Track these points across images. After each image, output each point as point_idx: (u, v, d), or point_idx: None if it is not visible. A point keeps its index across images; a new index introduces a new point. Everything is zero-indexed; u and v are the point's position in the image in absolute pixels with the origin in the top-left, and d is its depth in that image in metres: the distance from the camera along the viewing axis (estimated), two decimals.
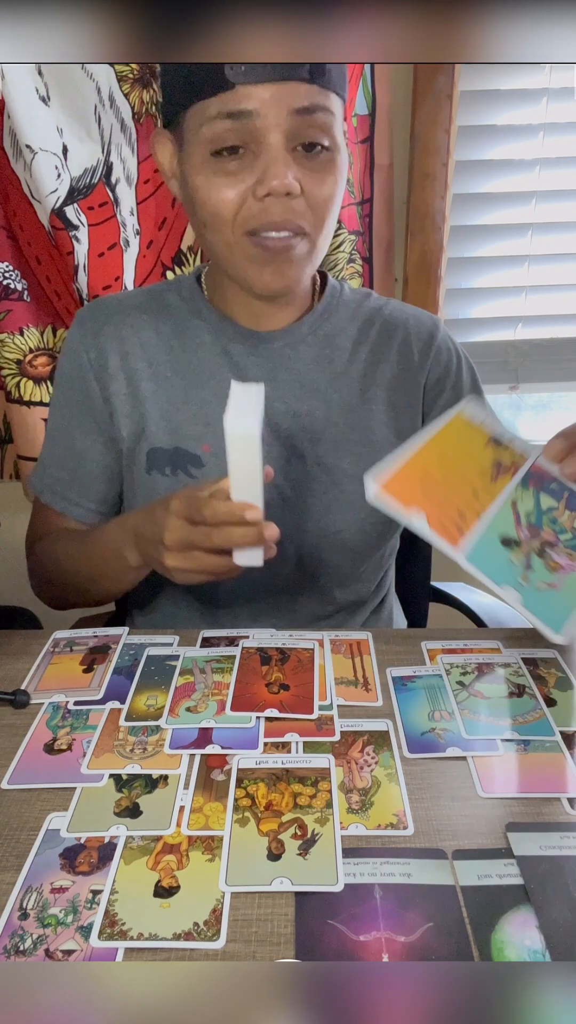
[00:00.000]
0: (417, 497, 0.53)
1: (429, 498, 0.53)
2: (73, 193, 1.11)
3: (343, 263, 1.19)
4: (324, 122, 0.63)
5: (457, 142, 1.18)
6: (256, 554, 0.59)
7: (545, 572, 0.51)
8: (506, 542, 0.52)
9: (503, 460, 0.58)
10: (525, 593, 0.50)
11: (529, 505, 0.55)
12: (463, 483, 0.55)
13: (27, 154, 1.06)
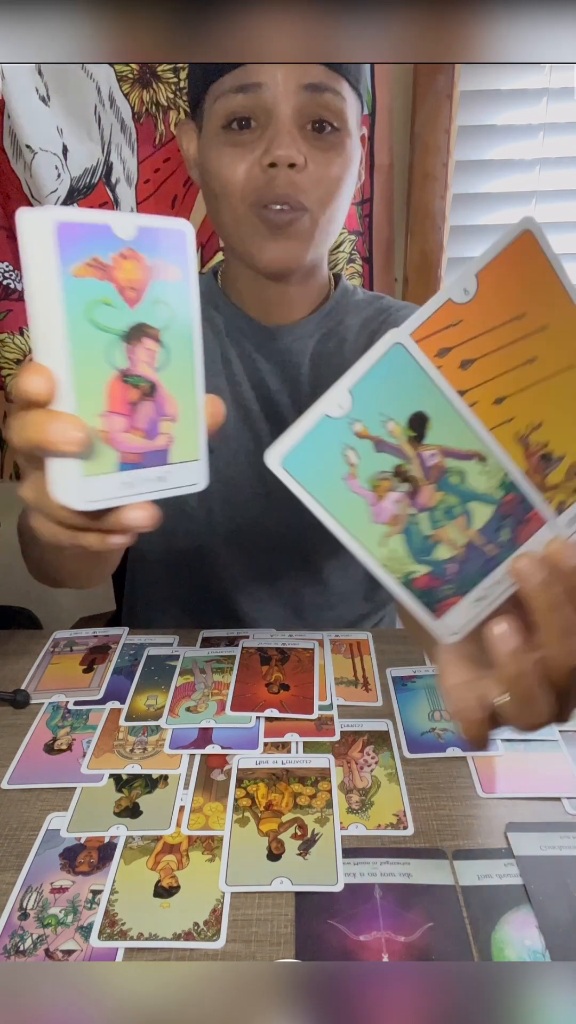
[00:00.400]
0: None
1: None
2: (73, 193, 1.11)
3: (343, 263, 1.19)
4: (333, 103, 0.64)
5: (457, 142, 1.18)
6: (65, 479, 0.35)
7: (367, 479, 0.35)
8: (415, 419, 0.35)
9: (554, 473, 0.38)
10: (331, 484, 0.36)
11: (473, 481, 0.37)
12: (508, 388, 0.37)
13: (27, 154, 1.06)
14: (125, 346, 0.35)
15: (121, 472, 0.35)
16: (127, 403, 0.35)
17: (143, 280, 0.35)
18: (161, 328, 0.36)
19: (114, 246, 0.34)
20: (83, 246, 0.33)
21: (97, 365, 0.34)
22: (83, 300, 0.33)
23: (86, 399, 0.34)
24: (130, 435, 0.36)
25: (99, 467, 0.35)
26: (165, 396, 0.37)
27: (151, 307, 0.35)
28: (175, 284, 0.36)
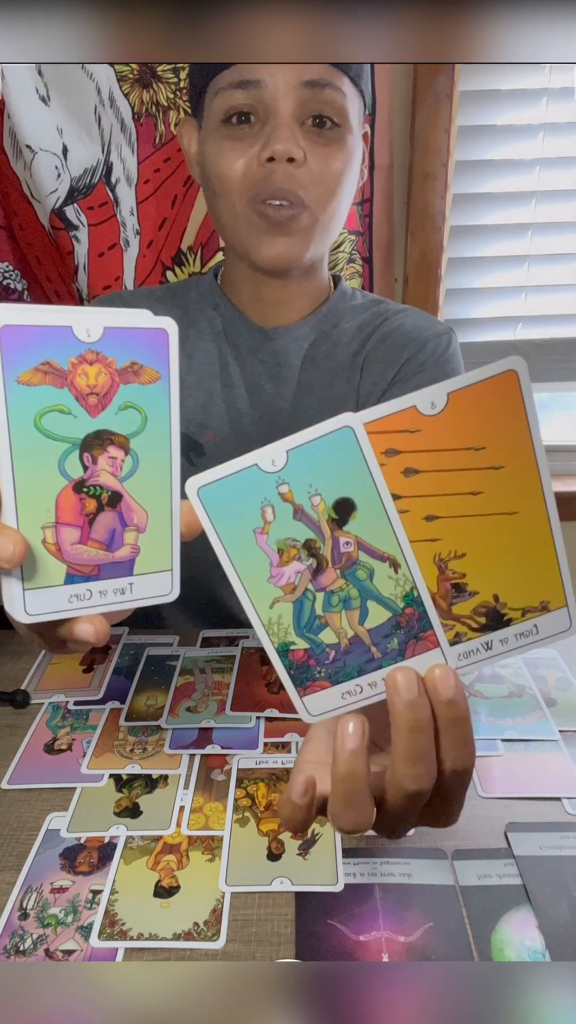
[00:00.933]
0: None
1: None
2: (73, 193, 1.11)
3: (343, 263, 1.19)
4: (333, 99, 0.63)
5: (457, 142, 1.18)
6: (9, 591, 0.34)
7: (274, 542, 0.36)
8: (340, 504, 0.35)
9: (467, 604, 0.37)
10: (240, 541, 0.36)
11: (379, 583, 0.35)
12: (430, 508, 0.36)
13: (27, 154, 1.06)
14: (82, 455, 0.33)
15: (69, 585, 0.34)
16: (80, 514, 0.34)
17: (108, 385, 0.33)
18: (130, 435, 0.34)
19: (74, 349, 0.32)
20: (32, 350, 0.31)
21: (45, 475, 0.33)
22: (30, 408, 0.31)
23: (30, 511, 0.33)
24: (84, 547, 0.34)
25: (42, 580, 0.34)
26: (131, 506, 0.35)
27: (118, 413, 0.34)
28: (151, 387, 0.34)
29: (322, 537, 0.34)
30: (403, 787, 0.33)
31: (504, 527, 0.35)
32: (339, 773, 0.33)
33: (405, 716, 0.33)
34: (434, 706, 0.33)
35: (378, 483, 0.34)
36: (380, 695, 0.36)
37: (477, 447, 0.34)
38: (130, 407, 0.34)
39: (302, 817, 0.36)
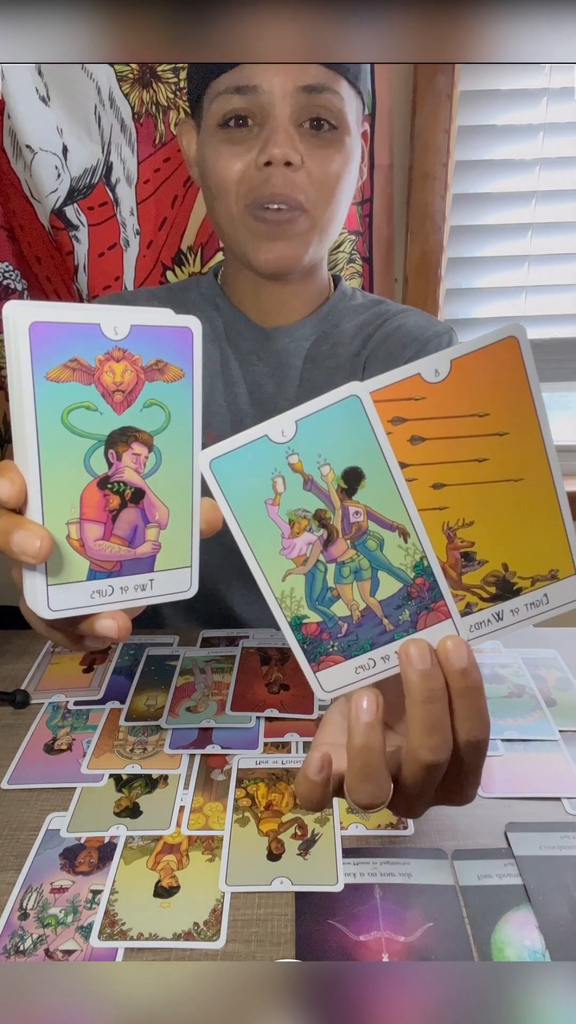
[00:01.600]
0: None
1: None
2: (73, 193, 1.11)
3: (343, 263, 1.19)
4: (331, 103, 0.63)
5: (457, 142, 1.18)
6: (32, 587, 0.33)
7: (285, 513, 0.35)
8: (349, 473, 0.34)
9: (474, 574, 0.36)
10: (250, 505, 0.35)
11: (389, 552, 0.35)
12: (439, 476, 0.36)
13: (27, 154, 1.06)
14: (107, 451, 0.34)
15: (92, 581, 0.35)
16: (104, 510, 0.34)
17: (134, 382, 0.34)
18: (154, 432, 0.35)
19: (102, 347, 0.32)
20: (61, 347, 0.31)
21: (71, 471, 0.33)
22: (58, 404, 0.32)
23: (55, 506, 0.33)
24: (107, 543, 0.35)
25: (66, 576, 0.34)
26: (153, 503, 0.36)
27: (143, 410, 0.34)
28: (175, 385, 0.35)
29: (332, 507, 0.34)
30: (420, 759, 0.33)
31: (511, 494, 0.35)
32: (355, 746, 0.33)
33: (419, 687, 0.33)
34: (447, 677, 0.33)
35: (385, 451, 0.34)
36: (393, 669, 0.35)
37: (481, 413, 0.34)
38: (154, 404, 0.34)
39: (319, 795, 0.36)
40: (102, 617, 0.35)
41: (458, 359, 0.33)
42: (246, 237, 0.69)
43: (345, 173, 0.67)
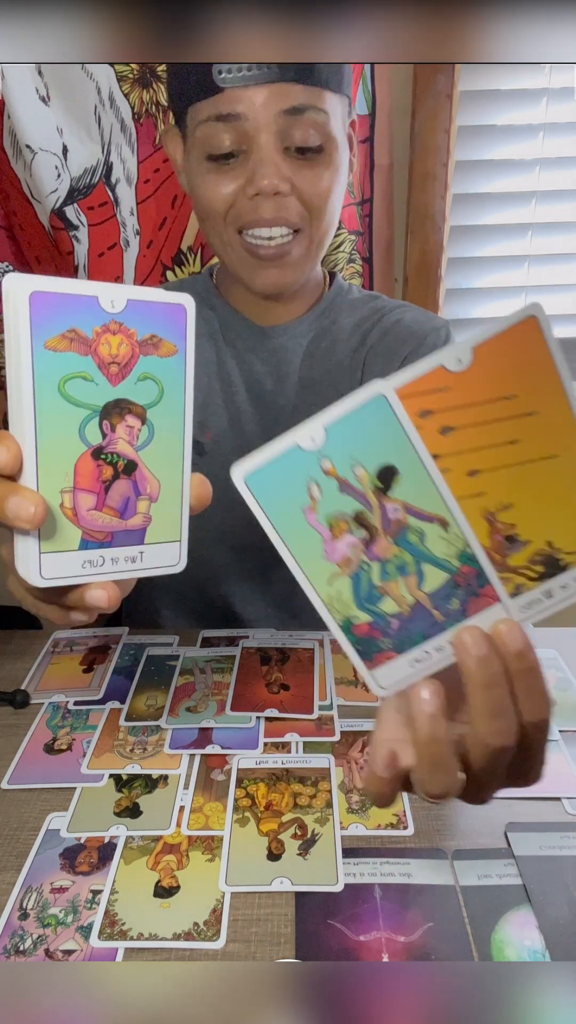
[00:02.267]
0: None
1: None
2: (73, 193, 1.11)
3: (343, 263, 1.19)
4: (316, 121, 0.63)
5: (457, 142, 1.18)
6: (25, 553, 0.34)
7: (324, 517, 0.35)
8: (384, 472, 0.34)
9: (515, 555, 0.37)
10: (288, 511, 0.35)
11: (431, 544, 0.36)
12: (483, 463, 0.36)
13: (27, 154, 1.06)
14: (102, 422, 0.34)
15: (84, 551, 0.35)
16: (97, 481, 0.34)
17: (129, 355, 0.34)
18: (147, 405, 0.35)
19: (99, 319, 0.32)
20: (60, 317, 0.31)
21: (66, 440, 0.33)
22: (55, 373, 0.32)
23: (50, 474, 0.33)
24: (99, 513, 0.35)
25: (58, 545, 0.34)
26: (145, 475, 0.36)
27: (137, 384, 0.35)
28: (168, 360, 0.35)
29: (369, 507, 0.34)
30: (487, 745, 0.34)
31: (547, 473, 0.35)
32: (422, 738, 0.33)
33: (478, 674, 0.33)
34: (505, 661, 0.34)
35: (417, 446, 0.34)
36: (448, 659, 0.36)
37: (509, 396, 0.34)
38: (148, 378, 0.35)
39: (389, 791, 0.36)
40: (92, 587, 0.35)
41: (479, 345, 0.33)
42: (240, 261, 0.69)
43: (335, 186, 0.67)
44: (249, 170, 0.63)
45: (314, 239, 0.68)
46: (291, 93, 0.61)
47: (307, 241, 0.68)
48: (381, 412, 0.33)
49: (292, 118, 0.62)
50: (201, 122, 0.63)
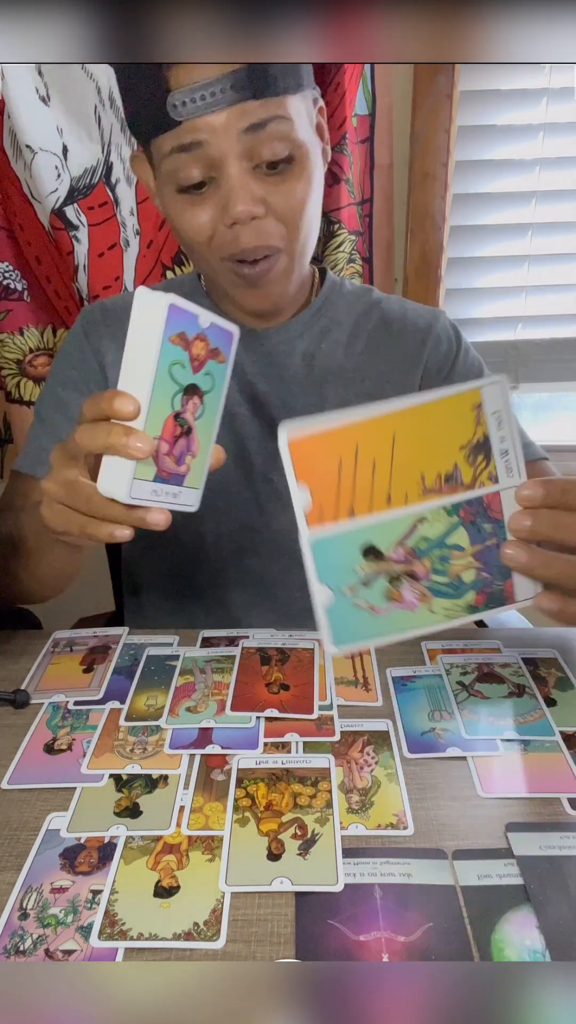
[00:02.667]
0: (321, 472, 0.43)
1: (337, 479, 0.43)
2: (73, 193, 1.11)
3: (343, 263, 1.19)
4: (280, 131, 0.61)
5: (457, 142, 1.18)
6: (119, 476, 0.46)
7: (380, 596, 0.44)
8: (367, 551, 0.44)
9: (463, 475, 0.44)
10: (338, 601, 0.44)
11: (433, 532, 0.44)
12: (399, 478, 0.44)
13: (27, 154, 1.06)
14: (183, 397, 0.48)
15: (155, 483, 0.48)
16: (173, 436, 0.48)
17: (205, 357, 0.49)
18: (205, 391, 0.50)
19: (196, 330, 0.47)
20: (179, 324, 0.46)
21: (164, 404, 0.47)
22: (169, 359, 0.46)
23: (151, 425, 0.46)
24: (167, 458, 0.49)
25: (144, 474, 0.47)
26: (195, 438, 0.50)
27: (204, 376, 0.49)
28: (221, 366, 0.51)
29: (388, 570, 0.45)
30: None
31: (402, 448, 0.44)
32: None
33: (550, 500, 0.45)
34: (545, 504, 0.45)
35: (364, 525, 0.45)
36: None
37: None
38: (209, 374, 0.50)
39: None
40: (155, 512, 0.49)
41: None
42: (229, 284, 0.69)
43: (310, 194, 0.66)
44: (222, 197, 0.62)
45: (295, 251, 0.68)
46: (249, 111, 0.60)
47: (288, 256, 0.68)
48: (328, 542, 0.45)
49: (255, 135, 0.60)
50: (166, 155, 0.62)
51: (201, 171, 0.62)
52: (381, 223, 1.21)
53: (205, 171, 0.62)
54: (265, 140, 0.61)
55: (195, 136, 0.60)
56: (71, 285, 1.17)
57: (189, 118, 0.59)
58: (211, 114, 0.59)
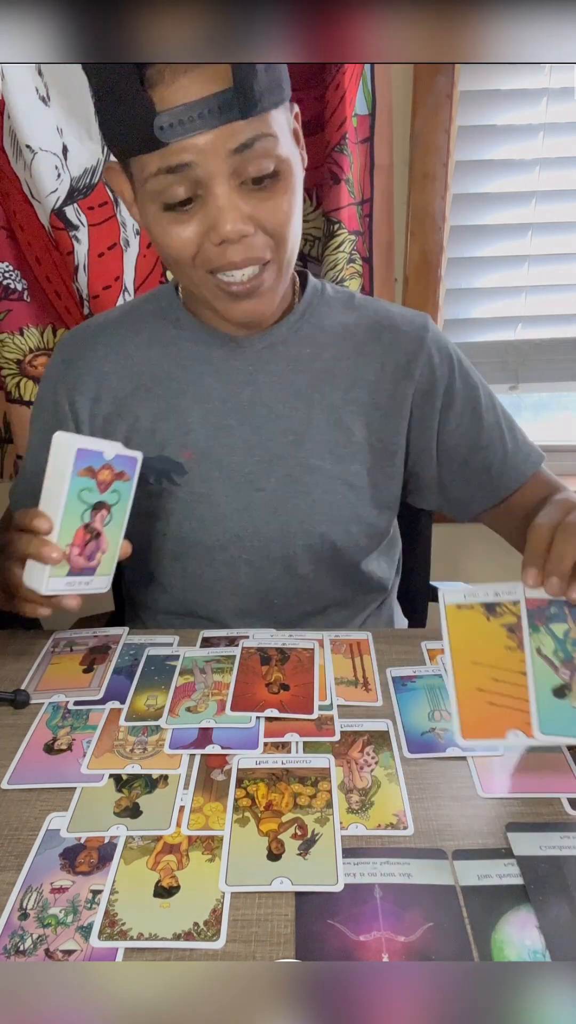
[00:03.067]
0: (495, 720, 0.51)
1: (502, 710, 0.52)
2: (73, 193, 1.11)
3: (343, 263, 1.19)
4: (265, 148, 0.61)
5: (457, 142, 1.18)
6: (38, 575, 0.61)
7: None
8: (558, 692, 0.51)
9: (509, 621, 0.55)
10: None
11: (550, 644, 0.53)
12: (506, 672, 0.53)
13: (27, 154, 1.06)
14: (92, 512, 0.63)
15: (69, 577, 0.63)
16: (83, 542, 0.63)
17: (111, 480, 0.63)
18: (112, 504, 0.64)
19: (101, 462, 0.62)
20: (85, 461, 0.61)
21: (75, 519, 0.62)
22: (78, 487, 0.61)
23: (64, 536, 0.61)
24: (79, 558, 0.63)
25: (58, 572, 0.62)
26: (104, 540, 0.65)
27: (111, 493, 0.64)
28: (126, 484, 0.65)
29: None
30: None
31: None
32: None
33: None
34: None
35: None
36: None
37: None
38: (115, 491, 0.64)
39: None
40: (69, 598, 0.64)
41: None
42: (214, 297, 0.69)
43: (294, 206, 0.66)
44: (210, 216, 0.62)
45: (282, 262, 0.68)
46: (236, 131, 0.59)
47: (276, 267, 0.68)
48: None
49: (241, 155, 0.60)
50: (151, 175, 0.62)
51: (187, 190, 0.62)
52: (381, 223, 1.21)
53: (191, 189, 0.62)
54: (252, 159, 0.61)
55: (182, 158, 0.60)
56: (71, 285, 1.17)
57: (176, 139, 0.59)
58: (198, 135, 0.59)
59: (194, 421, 0.77)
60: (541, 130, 1.18)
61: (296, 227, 0.68)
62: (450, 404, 0.80)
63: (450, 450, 0.81)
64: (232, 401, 0.78)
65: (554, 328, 1.34)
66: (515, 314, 1.33)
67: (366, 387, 0.79)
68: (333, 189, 1.12)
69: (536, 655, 0.52)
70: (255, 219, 0.63)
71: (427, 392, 0.79)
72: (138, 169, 0.63)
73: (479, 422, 0.81)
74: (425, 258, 1.25)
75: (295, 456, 0.77)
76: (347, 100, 1.08)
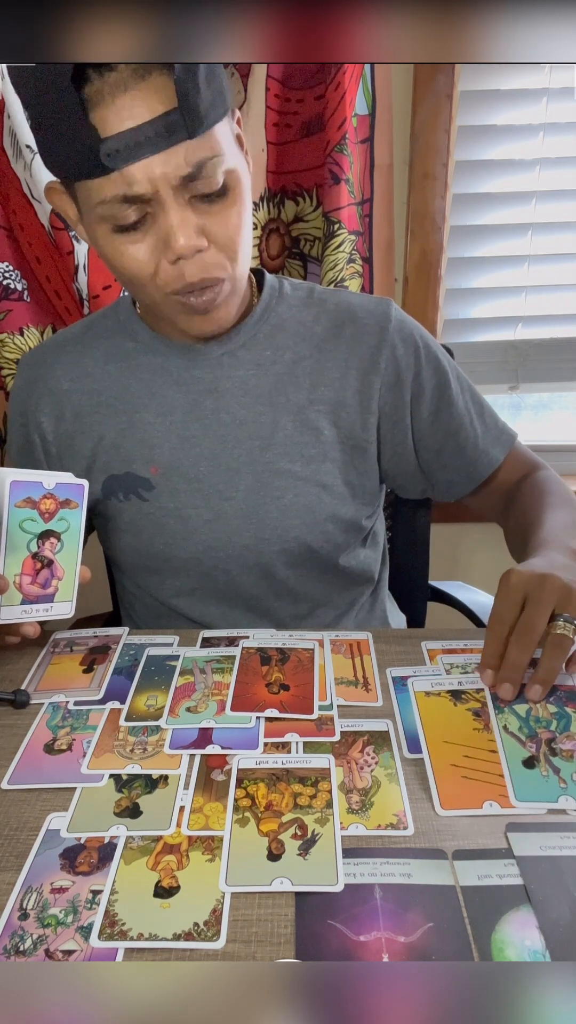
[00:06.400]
0: (471, 793, 0.53)
1: (477, 783, 0.54)
2: None
3: (343, 263, 1.19)
4: (216, 168, 0.61)
5: (457, 142, 1.18)
6: None
7: (568, 763, 0.55)
8: (527, 763, 0.55)
9: (474, 706, 0.61)
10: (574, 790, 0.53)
11: (515, 722, 0.58)
12: (476, 750, 0.57)
13: (27, 154, 1.06)
14: (38, 541, 0.66)
15: (23, 605, 0.66)
16: (34, 570, 0.66)
17: (56, 509, 0.66)
18: (61, 532, 0.67)
19: (41, 492, 0.65)
20: (22, 492, 0.64)
21: (20, 549, 0.65)
22: (18, 518, 0.64)
23: (10, 566, 0.64)
24: (32, 587, 0.66)
25: (10, 601, 0.65)
26: (57, 567, 0.68)
27: (58, 521, 0.67)
28: (74, 511, 0.68)
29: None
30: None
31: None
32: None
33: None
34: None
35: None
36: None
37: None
38: (63, 519, 0.67)
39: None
40: (26, 625, 0.67)
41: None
42: (174, 313, 0.69)
43: (244, 216, 0.66)
44: (161, 232, 0.62)
45: (236, 275, 0.68)
46: (187, 152, 0.59)
47: (232, 280, 0.68)
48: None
49: (193, 181, 0.61)
50: (103, 202, 0.61)
51: (138, 212, 0.62)
52: (381, 223, 1.21)
53: (142, 210, 0.62)
54: (202, 178, 0.61)
55: (131, 182, 0.59)
56: (71, 285, 1.17)
57: (125, 165, 0.59)
58: (147, 159, 0.59)
59: (158, 435, 0.77)
60: (541, 130, 1.18)
61: (247, 237, 0.68)
62: (420, 393, 0.79)
63: (425, 438, 0.81)
64: (195, 411, 0.77)
65: (554, 328, 1.34)
66: (515, 314, 1.33)
67: (331, 385, 0.77)
68: (333, 189, 1.12)
69: (504, 732, 0.57)
70: (207, 232, 0.63)
71: (394, 384, 0.79)
72: (84, 193, 0.62)
73: (451, 408, 0.80)
74: (425, 258, 1.25)
75: (263, 461, 0.77)
76: (347, 100, 1.08)
